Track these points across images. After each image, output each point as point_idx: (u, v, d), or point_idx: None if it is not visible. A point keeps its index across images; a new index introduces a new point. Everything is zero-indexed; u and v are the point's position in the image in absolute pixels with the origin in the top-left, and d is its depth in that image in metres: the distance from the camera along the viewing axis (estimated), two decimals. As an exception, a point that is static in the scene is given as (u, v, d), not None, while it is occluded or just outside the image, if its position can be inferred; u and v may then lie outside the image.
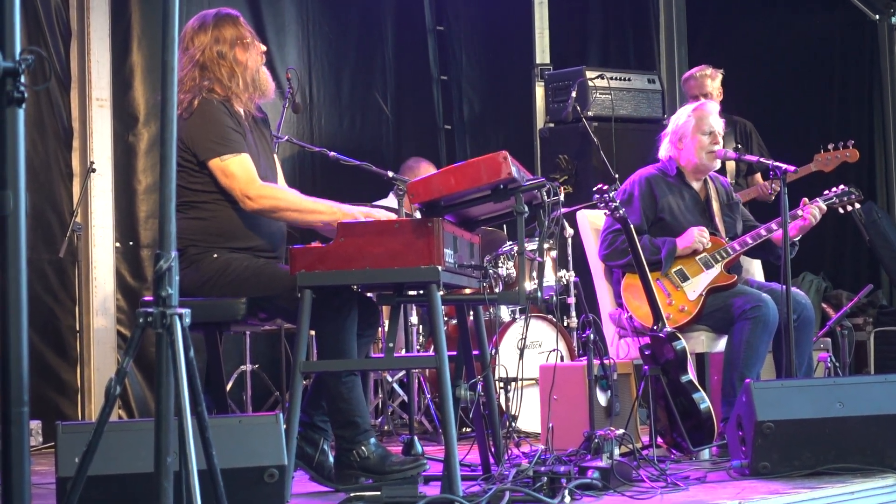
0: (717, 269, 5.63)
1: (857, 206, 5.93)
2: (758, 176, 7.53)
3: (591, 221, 6.02)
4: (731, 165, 7.35)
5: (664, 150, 5.92)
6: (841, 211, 5.93)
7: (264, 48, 4.68)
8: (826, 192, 5.93)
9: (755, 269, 6.30)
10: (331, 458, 4.43)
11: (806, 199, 5.77)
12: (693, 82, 7.51)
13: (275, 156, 4.84)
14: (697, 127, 5.82)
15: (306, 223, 4.59)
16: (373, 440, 4.28)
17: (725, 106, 7.53)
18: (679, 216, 5.76)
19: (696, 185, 5.88)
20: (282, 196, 4.48)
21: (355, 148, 8.02)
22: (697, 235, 5.62)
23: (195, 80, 4.51)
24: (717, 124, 5.84)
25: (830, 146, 7.06)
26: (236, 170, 4.41)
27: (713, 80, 7.48)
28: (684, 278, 5.62)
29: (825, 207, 5.75)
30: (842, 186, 5.92)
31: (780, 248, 5.54)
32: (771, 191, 7.22)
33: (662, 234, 5.75)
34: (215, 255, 4.45)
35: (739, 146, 7.47)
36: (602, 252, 5.77)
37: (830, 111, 9.52)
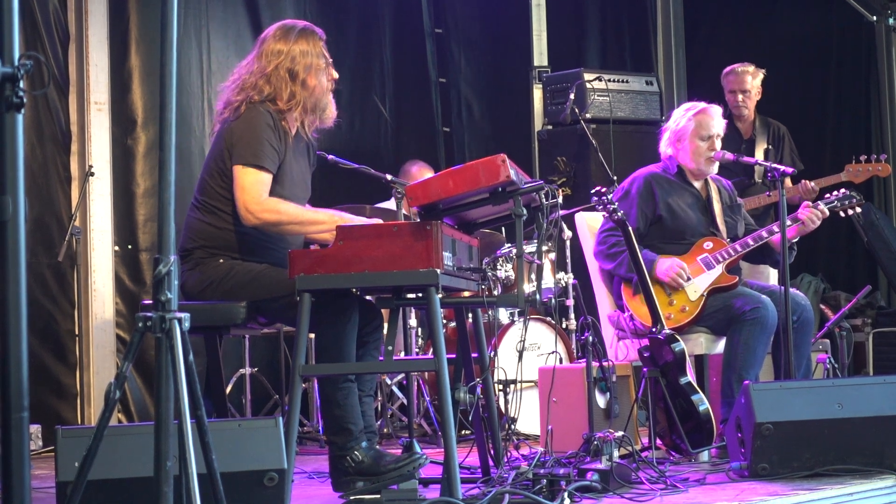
0: (718, 269, 5.64)
1: (858, 209, 5.93)
2: (787, 180, 7.46)
3: (590, 224, 6.02)
4: (760, 169, 7.28)
5: (664, 147, 5.91)
6: (842, 215, 5.93)
7: (336, 75, 4.65)
8: (828, 195, 5.93)
9: (770, 272, 6.33)
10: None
11: (808, 202, 5.76)
12: (733, 77, 7.47)
13: (308, 180, 4.81)
14: (696, 132, 5.80)
15: (308, 234, 4.57)
16: (364, 444, 4.27)
17: (762, 108, 7.54)
18: (681, 214, 5.75)
19: (698, 185, 5.88)
20: (283, 209, 4.45)
21: (354, 151, 8.01)
22: (675, 275, 5.59)
23: (255, 88, 4.49)
24: (719, 128, 5.82)
25: (863, 158, 7.03)
26: (248, 183, 4.40)
27: (754, 78, 7.45)
28: (685, 279, 5.62)
29: (827, 211, 5.74)
30: (843, 191, 5.92)
31: (778, 252, 5.55)
32: (811, 192, 7.07)
33: (663, 233, 5.74)
34: (221, 261, 4.46)
35: (770, 148, 7.45)
36: (596, 249, 5.77)
37: (827, 112, 9.52)
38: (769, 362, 5.68)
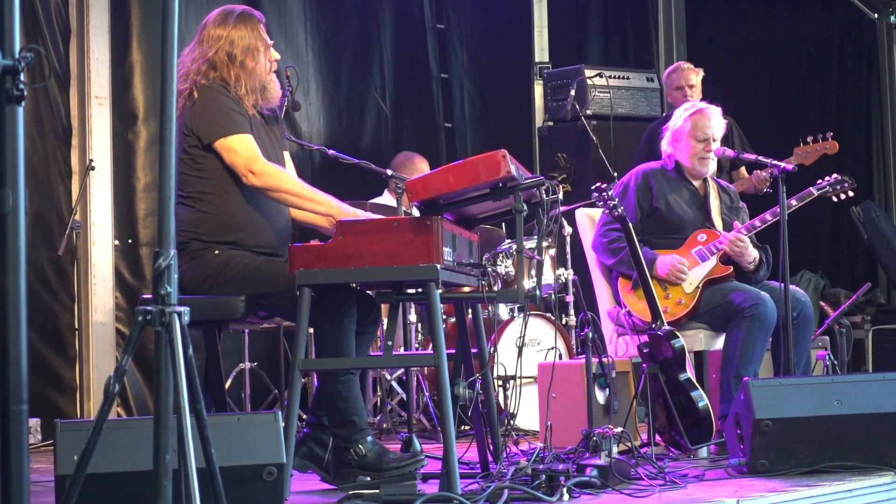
0: (712, 260, 5.63)
1: (851, 194, 5.91)
2: (742, 170, 7.49)
3: (590, 220, 6.02)
4: (726, 164, 7.31)
5: (664, 146, 5.92)
6: (835, 199, 5.91)
7: (278, 56, 4.69)
8: (819, 181, 5.92)
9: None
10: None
11: (737, 223, 5.74)
12: (677, 74, 7.49)
13: (286, 153, 4.84)
14: (691, 133, 5.80)
15: (301, 209, 4.59)
16: (370, 438, 4.28)
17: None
18: (676, 209, 5.76)
19: (696, 183, 5.88)
20: (284, 177, 4.49)
21: (354, 146, 8.03)
22: (676, 272, 5.60)
23: (200, 74, 4.53)
24: (716, 129, 5.81)
25: (810, 139, 6.98)
26: (239, 146, 4.44)
27: (697, 75, 7.48)
28: (686, 274, 5.62)
29: (747, 240, 5.67)
30: (835, 175, 5.92)
31: (750, 273, 5.63)
32: (764, 181, 7.13)
33: (658, 226, 5.74)
34: (216, 252, 4.46)
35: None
36: (596, 241, 5.77)
37: (828, 110, 9.51)
38: (769, 359, 5.68)
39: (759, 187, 7.29)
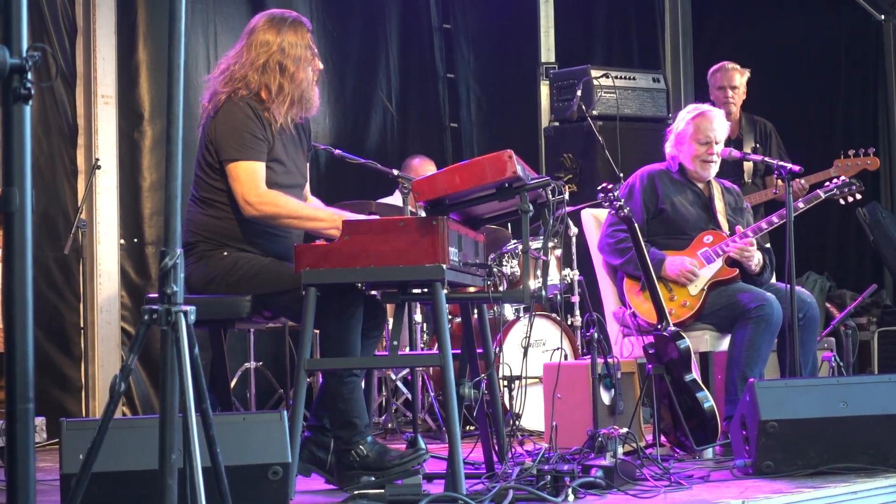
0: (718, 262, 5.63)
1: (859, 196, 5.91)
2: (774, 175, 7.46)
3: (596, 220, 6.02)
4: (748, 165, 7.31)
5: (668, 147, 5.92)
6: (842, 202, 5.92)
7: (321, 66, 4.65)
8: (827, 183, 5.92)
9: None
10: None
11: (740, 227, 5.73)
12: (721, 74, 7.48)
13: (307, 164, 4.83)
14: (693, 135, 5.79)
15: (306, 230, 4.59)
16: (370, 438, 4.28)
17: (747, 106, 7.54)
18: (681, 209, 5.76)
19: (700, 185, 5.88)
20: (282, 203, 4.47)
21: (360, 146, 8.03)
22: (687, 272, 5.60)
23: (244, 80, 4.50)
24: (719, 132, 5.80)
25: (851, 152, 7.00)
26: (243, 175, 4.42)
27: (741, 76, 7.48)
28: (696, 276, 5.61)
29: (754, 242, 5.66)
30: (843, 178, 5.91)
31: (754, 276, 5.62)
32: (802, 189, 7.05)
33: (663, 227, 5.74)
34: (225, 253, 4.47)
35: (758, 146, 7.45)
36: (602, 242, 5.77)
37: (835, 110, 9.51)
38: (774, 360, 5.68)
39: (798, 195, 7.25)
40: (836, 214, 8.90)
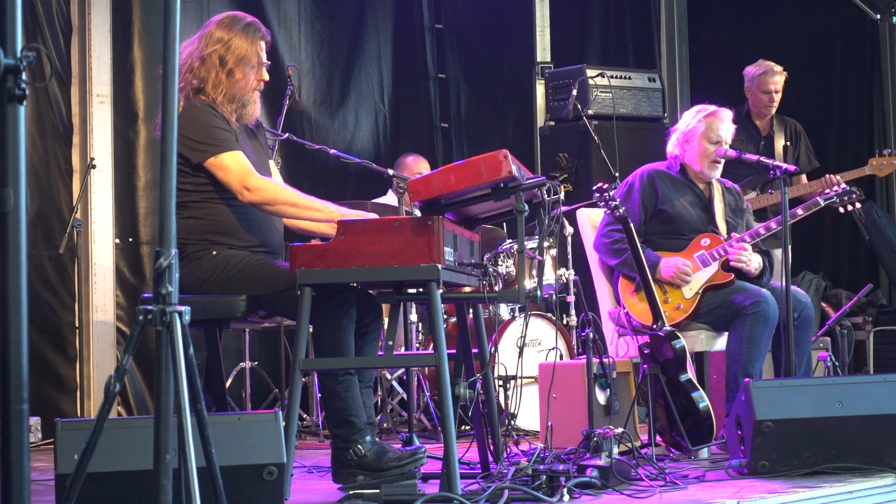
0: (714, 266, 5.63)
1: (858, 205, 5.92)
2: (803, 177, 7.43)
3: (591, 220, 6.02)
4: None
5: (671, 147, 5.91)
6: (841, 210, 5.93)
7: (267, 78, 4.66)
8: (827, 191, 5.93)
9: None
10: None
11: (735, 234, 5.73)
12: (770, 77, 7.48)
13: (271, 161, 4.85)
14: (705, 134, 5.79)
15: (301, 219, 4.60)
16: (368, 438, 4.28)
17: (779, 106, 7.57)
18: (680, 210, 5.75)
19: (701, 185, 5.87)
20: (280, 189, 4.50)
21: (351, 145, 8.02)
22: (681, 273, 5.60)
23: (191, 71, 4.53)
24: (727, 133, 5.81)
25: (886, 151, 7.08)
26: (231, 164, 4.43)
27: (783, 78, 7.50)
28: (690, 277, 5.61)
29: (749, 248, 5.67)
30: (843, 185, 5.92)
31: (753, 280, 5.62)
32: (835, 182, 6.94)
33: (661, 227, 5.74)
34: (214, 253, 4.46)
35: (788, 144, 7.47)
36: (598, 241, 5.77)
37: (831, 110, 9.51)
38: (769, 360, 5.68)
39: (826, 189, 7.22)
40: (832, 214, 8.87)
